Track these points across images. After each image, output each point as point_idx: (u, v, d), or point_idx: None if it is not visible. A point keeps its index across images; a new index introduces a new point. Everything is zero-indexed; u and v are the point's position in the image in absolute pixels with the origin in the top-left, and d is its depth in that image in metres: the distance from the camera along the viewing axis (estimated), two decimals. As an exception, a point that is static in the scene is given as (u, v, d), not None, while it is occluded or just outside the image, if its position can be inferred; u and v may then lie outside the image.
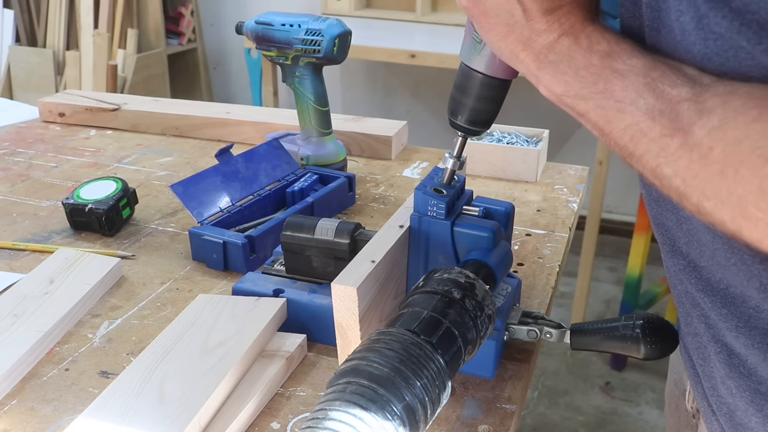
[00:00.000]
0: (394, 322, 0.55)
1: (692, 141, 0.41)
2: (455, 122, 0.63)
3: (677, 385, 0.74)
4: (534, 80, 0.51)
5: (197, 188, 0.93)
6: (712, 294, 0.51)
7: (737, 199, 0.40)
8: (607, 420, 2.16)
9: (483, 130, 0.64)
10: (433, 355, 0.52)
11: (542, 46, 0.49)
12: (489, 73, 0.59)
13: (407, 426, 0.49)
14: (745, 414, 0.51)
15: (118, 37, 2.95)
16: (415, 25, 2.80)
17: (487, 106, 0.62)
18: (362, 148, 1.28)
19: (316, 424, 0.47)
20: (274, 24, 1.08)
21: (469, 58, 0.60)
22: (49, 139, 1.36)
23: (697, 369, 0.58)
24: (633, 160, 0.46)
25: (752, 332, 0.48)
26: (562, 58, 0.48)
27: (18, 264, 0.91)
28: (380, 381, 0.49)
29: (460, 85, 0.61)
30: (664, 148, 0.43)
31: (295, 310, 0.76)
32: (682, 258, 0.54)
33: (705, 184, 0.42)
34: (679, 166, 0.43)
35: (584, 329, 0.68)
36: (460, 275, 0.59)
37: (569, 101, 0.49)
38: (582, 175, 1.20)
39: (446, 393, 0.53)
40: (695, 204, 0.43)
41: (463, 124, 0.63)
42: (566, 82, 0.48)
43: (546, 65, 0.49)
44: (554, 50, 0.49)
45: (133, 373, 0.66)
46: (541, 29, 0.49)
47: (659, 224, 0.57)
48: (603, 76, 0.46)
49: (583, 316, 2.47)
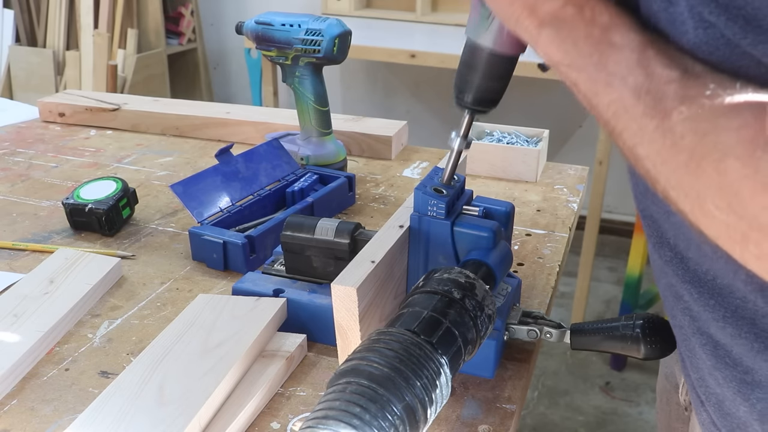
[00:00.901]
0: (394, 322, 0.55)
1: (667, 125, 0.42)
2: (462, 100, 0.63)
3: (668, 379, 0.75)
4: (534, 45, 0.51)
5: (197, 188, 0.93)
6: (699, 285, 0.51)
7: (697, 193, 0.40)
8: (607, 420, 2.16)
9: (490, 109, 0.63)
10: (433, 355, 0.52)
11: (546, 12, 0.49)
12: (497, 48, 0.59)
13: (407, 426, 0.49)
14: (733, 403, 0.52)
15: (118, 37, 2.96)
16: (415, 25, 2.80)
17: (495, 84, 0.61)
18: (362, 148, 1.28)
19: (316, 424, 0.47)
20: (274, 24, 1.08)
21: (477, 33, 0.59)
22: (49, 139, 1.36)
23: (685, 361, 0.59)
24: (614, 136, 0.46)
25: (739, 322, 0.49)
26: (564, 25, 0.48)
27: (18, 264, 0.91)
28: (380, 381, 0.49)
29: (467, 62, 0.61)
30: (642, 128, 0.43)
31: (295, 310, 0.76)
32: (669, 250, 0.54)
33: (672, 172, 0.42)
34: (651, 149, 0.43)
35: (584, 329, 0.68)
36: (460, 275, 0.59)
37: (564, 69, 0.49)
38: (582, 175, 1.21)
39: (446, 393, 0.53)
40: (662, 189, 0.43)
41: (470, 102, 0.62)
42: (565, 50, 0.48)
43: (547, 30, 0.49)
44: (558, 17, 0.48)
45: (133, 373, 0.66)
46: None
47: (647, 216, 0.57)
48: (600, 47, 0.46)
49: (583, 316, 2.47)
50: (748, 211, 0.38)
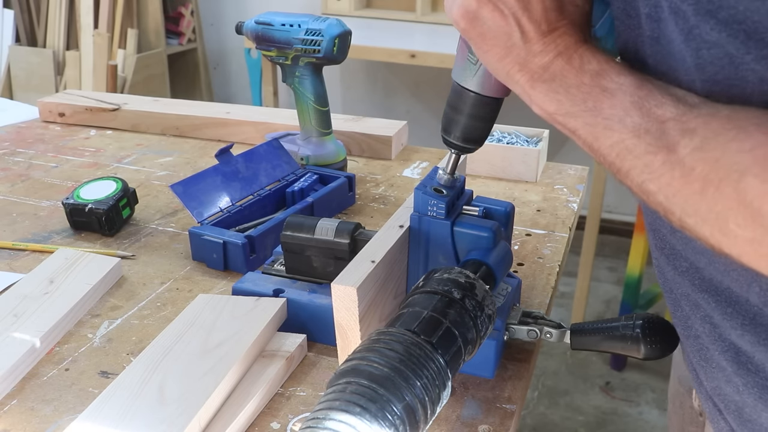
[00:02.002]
0: (394, 322, 0.55)
1: (675, 159, 0.43)
2: (448, 139, 0.64)
3: (682, 382, 0.74)
4: (527, 99, 0.52)
5: (197, 188, 0.93)
6: (715, 294, 0.52)
7: (716, 215, 0.41)
8: (607, 420, 2.16)
9: (476, 147, 0.64)
10: (433, 355, 0.52)
11: (538, 66, 0.50)
12: (483, 92, 0.60)
13: (407, 426, 0.49)
14: (754, 410, 0.52)
15: (118, 37, 2.95)
16: (415, 25, 2.80)
17: (480, 124, 0.63)
18: (362, 148, 1.28)
19: (316, 424, 0.47)
20: (274, 24, 1.08)
21: (463, 78, 0.61)
22: (49, 139, 1.36)
23: (698, 372, 0.58)
24: (620, 176, 0.47)
25: (758, 329, 0.49)
26: (555, 77, 0.50)
27: (18, 264, 0.91)
28: (380, 381, 0.49)
29: (454, 104, 0.62)
30: (648, 164, 0.44)
31: (295, 310, 0.76)
32: (683, 260, 0.54)
33: (686, 201, 0.43)
34: (661, 183, 0.44)
35: (584, 329, 0.68)
36: (460, 275, 0.59)
37: (560, 119, 0.50)
38: (582, 175, 1.21)
39: (446, 393, 0.53)
40: (678, 219, 0.44)
41: (456, 141, 0.64)
42: (558, 100, 0.49)
43: (540, 85, 0.50)
44: (548, 70, 0.50)
45: (133, 373, 0.66)
46: (538, 51, 0.50)
47: (655, 230, 0.58)
48: (593, 94, 0.48)
49: (583, 316, 2.47)
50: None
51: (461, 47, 0.60)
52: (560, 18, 0.50)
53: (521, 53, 0.51)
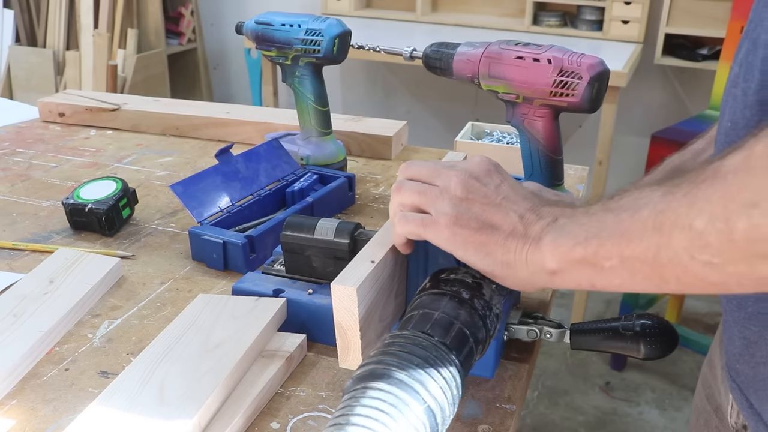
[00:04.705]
0: (406, 324, 0.55)
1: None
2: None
3: (710, 400, 0.72)
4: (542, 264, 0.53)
5: (197, 188, 0.93)
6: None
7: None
8: (607, 420, 2.16)
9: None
10: (448, 356, 0.51)
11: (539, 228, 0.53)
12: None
13: (428, 429, 0.48)
14: None
15: (118, 37, 2.96)
16: (415, 25, 2.80)
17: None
18: (362, 148, 1.28)
19: (338, 430, 0.46)
20: (274, 24, 1.08)
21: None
22: (49, 139, 1.36)
23: (753, 405, 0.57)
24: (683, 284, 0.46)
25: None
26: (564, 227, 0.52)
27: (18, 264, 0.91)
28: (399, 384, 0.48)
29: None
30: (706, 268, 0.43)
31: (295, 310, 0.76)
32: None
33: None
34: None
35: (584, 329, 0.68)
36: (467, 275, 0.59)
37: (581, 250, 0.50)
38: (582, 175, 1.20)
39: (459, 394, 0.52)
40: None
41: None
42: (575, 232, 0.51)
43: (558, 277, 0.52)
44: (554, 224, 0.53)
45: (133, 373, 0.66)
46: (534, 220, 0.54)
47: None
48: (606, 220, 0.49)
49: (583, 316, 2.47)
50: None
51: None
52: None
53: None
